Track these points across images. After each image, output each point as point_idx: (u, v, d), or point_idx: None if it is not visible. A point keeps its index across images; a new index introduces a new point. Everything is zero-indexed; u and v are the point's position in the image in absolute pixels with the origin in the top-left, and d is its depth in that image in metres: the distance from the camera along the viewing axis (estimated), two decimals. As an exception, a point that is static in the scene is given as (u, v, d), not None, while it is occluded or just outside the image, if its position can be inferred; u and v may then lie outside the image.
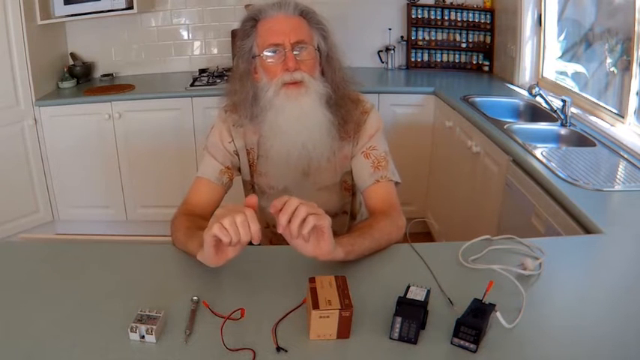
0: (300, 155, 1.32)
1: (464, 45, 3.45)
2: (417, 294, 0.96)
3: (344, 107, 1.35)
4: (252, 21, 1.32)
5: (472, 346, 0.90)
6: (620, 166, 1.85)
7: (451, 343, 0.92)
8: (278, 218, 0.96)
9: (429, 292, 0.97)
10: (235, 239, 0.96)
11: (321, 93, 1.30)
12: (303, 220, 0.96)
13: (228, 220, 0.95)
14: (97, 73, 3.48)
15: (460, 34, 3.43)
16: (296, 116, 1.29)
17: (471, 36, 3.43)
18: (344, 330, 0.93)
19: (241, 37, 1.34)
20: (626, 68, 2.18)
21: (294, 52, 1.26)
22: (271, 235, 1.54)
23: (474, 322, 0.90)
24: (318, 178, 1.42)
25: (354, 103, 1.39)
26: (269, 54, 1.28)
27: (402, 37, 3.50)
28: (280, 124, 1.30)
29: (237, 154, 1.42)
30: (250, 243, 1.00)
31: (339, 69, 1.36)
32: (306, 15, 1.31)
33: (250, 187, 1.49)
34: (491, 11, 3.35)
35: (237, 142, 1.41)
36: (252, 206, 0.99)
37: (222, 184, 1.39)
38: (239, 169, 1.46)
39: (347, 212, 1.50)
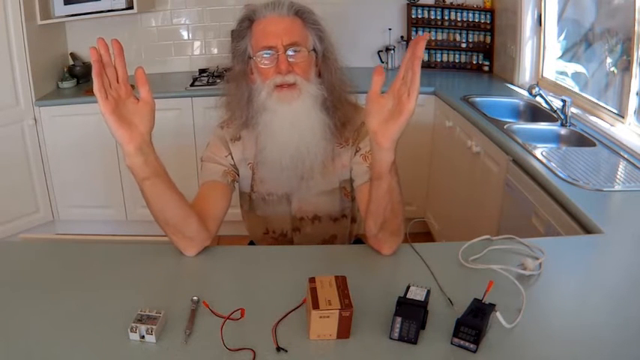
0: (292, 157, 1.29)
1: (464, 45, 3.44)
2: (417, 294, 0.96)
3: (341, 109, 1.33)
4: (247, 21, 1.30)
5: (472, 346, 0.90)
6: (620, 166, 1.85)
7: (451, 343, 0.92)
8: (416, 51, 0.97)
9: (429, 292, 0.97)
10: (114, 92, 1.06)
11: (316, 95, 1.28)
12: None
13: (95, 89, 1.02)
14: (97, 73, 3.47)
15: (460, 34, 3.43)
16: (289, 120, 1.26)
17: (471, 36, 3.42)
18: (344, 330, 0.93)
19: (236, 37, 1.31)
20: (626, 68, 2.18)
21: (288, 53, 1.24)
22: (271, 242, 1.53)
23: (473, 322, 0.90)
24: (316, 182, 1.40)
25: (352, 106, 1.37)
26: (262, 56, 1.26)
27: (402, 37, 3.50)
28: (273, 126, 1.28)
29: (236, 167, 1.40)
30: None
31: (335, 70, 1.33)
32: (301, 15, 1.28)
33: (248, 199, 1.47)
34: (491, 11, 3.35)
35: (236, 155, 1.39)
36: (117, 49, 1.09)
37: (227, 182, 1.35)
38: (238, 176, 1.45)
39: (347, 216, 1.49)
